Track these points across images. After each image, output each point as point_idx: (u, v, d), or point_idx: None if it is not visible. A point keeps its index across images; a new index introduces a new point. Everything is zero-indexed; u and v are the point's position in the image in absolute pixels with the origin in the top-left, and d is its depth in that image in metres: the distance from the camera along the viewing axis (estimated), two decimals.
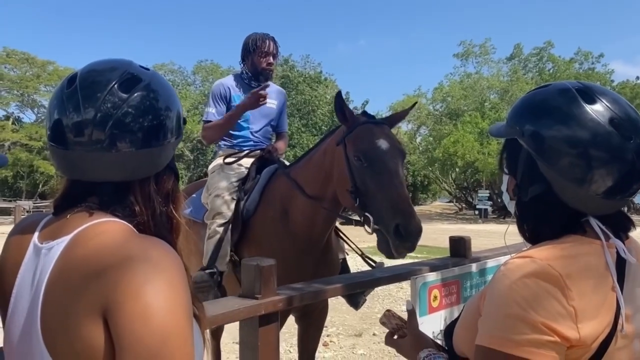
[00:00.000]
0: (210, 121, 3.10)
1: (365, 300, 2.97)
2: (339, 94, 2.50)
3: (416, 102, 4.09)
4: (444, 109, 36.89)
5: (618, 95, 1.04)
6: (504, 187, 1.15)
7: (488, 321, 0.94)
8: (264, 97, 2.88)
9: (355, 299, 2.88)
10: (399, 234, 2.14)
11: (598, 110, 0.98)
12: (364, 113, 2.58)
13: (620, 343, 0.92)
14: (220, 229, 2.76)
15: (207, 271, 2.71)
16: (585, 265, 0.94)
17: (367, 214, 2.26)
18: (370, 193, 2.27)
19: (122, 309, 0.75)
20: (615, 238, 0.99)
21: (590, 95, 1.00)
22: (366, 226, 2.27)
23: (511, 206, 1.12)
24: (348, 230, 3.03)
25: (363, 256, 2.95)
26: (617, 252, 0.98)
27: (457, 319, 1.13)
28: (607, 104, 0.99)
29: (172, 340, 0.76)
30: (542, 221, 1.03)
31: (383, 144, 2.32)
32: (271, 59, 3.14)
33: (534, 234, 1.05)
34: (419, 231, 2.16)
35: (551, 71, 35.41)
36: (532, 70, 36.92)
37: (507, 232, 1.19)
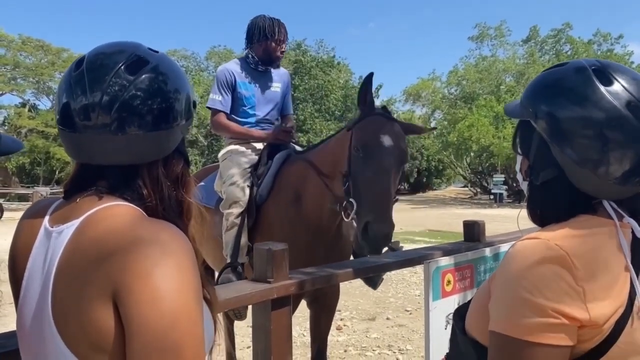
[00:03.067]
0: (218, 110, 3.08)
1: (383, 279, 2.97)
2: (369, 76, 2.44)
3: (435, 128, 3.90)
4: (459, 92, 36.50)
5: (636, 73, 0.99)
6: (517, 167, 1.13)
7: (498, 306, 0.93)
8: (284, 138, 2.95)
9: (372, 279, 2.89)
10: (365, 233, 2.17)
11: (614, 91, 0.93)
12: (384, 108, 2.54)
13: (637, 324, 0.90)
14: (238, 220, 2.78)
15: (231, 268, 2.73)
16: (595, 244, 0.91)
17: (351, 199, 2.29)
18: (358, 183, 2.29)
19: (131, 292, 0.76)
20: (629, 218, 0.96)
21: (607, 76, 0.95)
22: (348, 211, 2.31)
23: (524, 186, 1.10)
24: None
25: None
26: (633, 232, 0.95)
27: (469, 302, 1.12)
28: (625, 84, 0.94)
29: (182, 323, 0.76)
30: (553, 204, 1.01)
31: (385, 140, 2.30)
32: (284, 46, 3.13)
33: (544, 217, 1.03)
34: (384, 236, 2.16)
35: (569, 53, 34.78)
36: (548, 53, 36.29)
37: (522, 217, 1.17)
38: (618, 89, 0.94)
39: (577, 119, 0.94)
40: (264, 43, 3.04)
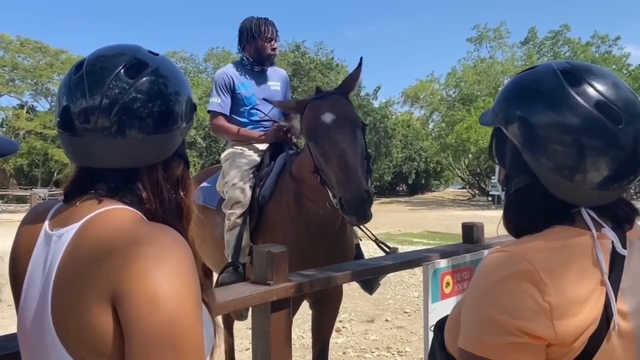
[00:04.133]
0: (217, 112, 3.10)
1: (380, 284, 2.98)
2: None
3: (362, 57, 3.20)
4: (457, 94, 36.54)
5: (610, 73, 0.94)
6: (496, 178, 1.09)
7: (466, 321, 0.90)
8: (283, 135, 2.95)
9: (369, 284, 2.90)
10: (343, 208, 2.15)
11: (583, 92, 0.88)
12: (316, 90, 2.58)
13: (615, 342, 0.85)
14: (240, 220, 2.78)
15: (232, 268, 2.73)
16: (568, 258, 0.87)
17: (327, 188, 2.31)
18: (323, 169, 2.30)
19: (130, 295, 0.76)
20: (608, 228, 0.91)
21: (576, 77, 0.91)
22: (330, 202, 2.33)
23: (503, 196, 1.06)
24: None
25: (377, 242, 2.95)
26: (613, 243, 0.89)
27: (447, 315, 1.07)
28: (595, 85, 0.89)
29: (181, 327, 0.76)
30: (527, 213, 0.96)
31: (326, 117, 2.32)
32: (274, 43, 3.14)
33: (519, 228, 0.98)
34: (360, 201, 2.10)
35: (567, 55, 34.86)
36: (547, 55, 36.35)
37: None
38: (588, 90, 0.89)
39: (548, 124, 0.90)
40: (253, 43, 3.10)
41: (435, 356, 1.05)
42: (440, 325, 1.09)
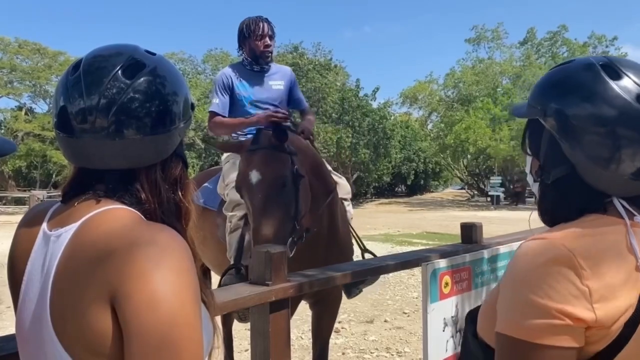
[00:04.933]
0: (215, 112, 3.11)
1: (361, 291, 3.05)
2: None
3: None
4: (456, 94, 36.56)
5: None
6: (527, 169, 1.11)
7: (504, 307, 0.92)
8: (278, 117, 2.92)
9: (349, 288, 2.94)
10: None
11: (624, 86, 0.92)
12: (256, 133, 2.56)
13: None
14: (241, 222, 2.78)
15: (233, 270, 2.73)
16: (604, 244, 0.90)
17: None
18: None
19: (129, 295, 0.75)
20: None
21: (616, 70, 0.94)
22: None
23: (535, 188, 1.09)
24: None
25: (364, 251, 3.04)
26: None
27: (478, 306, 1.10)
28: (635, 78, 0.93)
29: (180, 327, 0.76)
30: (563, 203, 0.99)
31: (251, 176, 2.35)
32: (268, 40, 3.13)
33: (554, 217, 1.01)
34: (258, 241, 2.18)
35: (565, 55, 34.90)
36: (545, 55, 36.42)
37: (519, 219, 1.16)
38: (627, 83, 0.93)
39: (587, 115, 0.93)
40: (247, 42, 3.13)
41: (469, 345, 1.07)
42: (472, 316, 1.11)
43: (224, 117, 3.12)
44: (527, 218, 1.13)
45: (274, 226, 2.25)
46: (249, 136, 3.13)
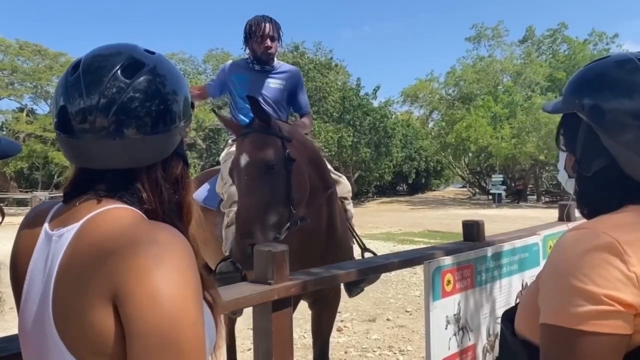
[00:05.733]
0: (206, 85, 3.65)
1: (363, 289, 3.06)
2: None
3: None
4: (457, 93, 36.55)
5: None
6: (560, 165, 1.12)
7: (548, 297, 0.90)
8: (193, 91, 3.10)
9: (350, 287, 2.95)
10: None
11: None
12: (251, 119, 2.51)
13: None
14: None
15: (230, 260, 2.74)
16: None
17: None
18: None
19: (131, 294, 0.75)
20: None
21: None
22: None
23: (569, 184, 1.09)
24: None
25: (364, 250, 3.05)
26: None
27: (516, 305, 1.10)
28: None
29: (182, 325, 0.76)
30: (604, 195, 1.00)
31: (241, 159, 2.33)
32: (269, 41, 3.15)
33: (595, 208, 1.02)
34: (240, 253, 2.16)
35: (566, 52, 34.86)
36: (545, 53, 36.40)
37: (521, 217, 1.16)
38: None
39: (628, 108, 0.95)
40: (249, 42, 3.20)
41: (508, 344, 1.07)
42: (507, 315, 1.11)
43: (207, 92, 3.51)
44: (529, 215, 1.13)
45: (257, 208, 2.23)
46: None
